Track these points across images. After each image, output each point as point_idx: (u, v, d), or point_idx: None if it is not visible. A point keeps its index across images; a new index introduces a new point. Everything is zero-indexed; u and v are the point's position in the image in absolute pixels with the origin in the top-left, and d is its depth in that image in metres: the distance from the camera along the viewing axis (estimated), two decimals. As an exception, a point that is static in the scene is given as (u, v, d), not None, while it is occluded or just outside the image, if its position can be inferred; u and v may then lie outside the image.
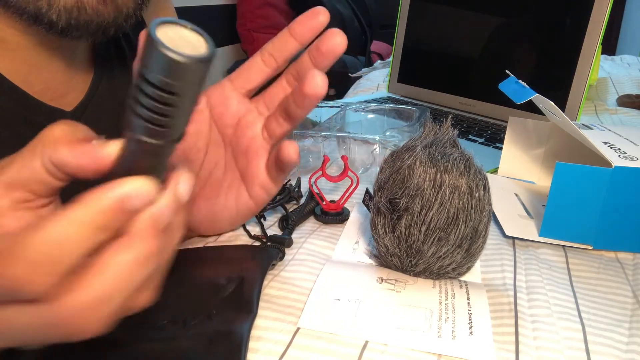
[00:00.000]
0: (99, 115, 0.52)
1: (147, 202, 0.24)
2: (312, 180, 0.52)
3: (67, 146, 0.25)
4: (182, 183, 0.26)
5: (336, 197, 0.54)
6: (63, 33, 0.41)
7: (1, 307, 0.24)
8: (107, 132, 0.52)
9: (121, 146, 0.25)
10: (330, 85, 0.42)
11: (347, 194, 0.52)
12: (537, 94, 0.51)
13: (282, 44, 0.40)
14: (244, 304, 0.37)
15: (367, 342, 0.35)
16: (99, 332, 0.25)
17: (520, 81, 0.57)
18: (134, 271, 0.24)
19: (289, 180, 0.57)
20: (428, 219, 0.38)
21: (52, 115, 0.47)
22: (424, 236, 0.39)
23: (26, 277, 0.22)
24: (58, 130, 0.26)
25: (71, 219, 0.23)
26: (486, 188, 0.40)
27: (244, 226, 0.51)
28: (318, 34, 0.40)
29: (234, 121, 0.43)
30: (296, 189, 0.56)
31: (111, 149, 0.25)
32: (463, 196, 0.38)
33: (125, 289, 0.24)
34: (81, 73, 0.49)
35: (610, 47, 2.92)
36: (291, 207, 0.55)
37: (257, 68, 0.41)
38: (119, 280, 0.24)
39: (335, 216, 0.52)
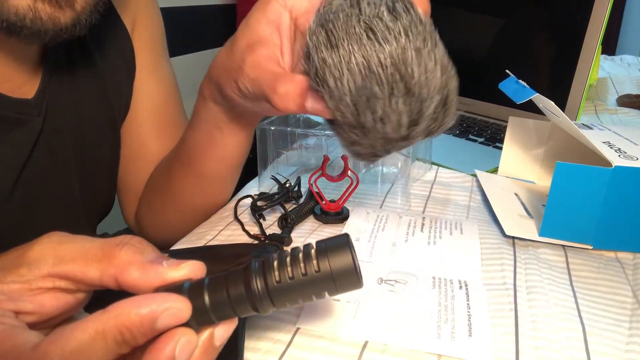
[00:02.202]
0: (60, 100, 0.50)
1: (179, 322, 0.24)
2: (312, 179, 0.52)
3: (138, 269, 0.25)
4: (220, 330, 0.26)
5: (336, 197, 0.53)
6: (12, 36, 0.39)
7: None
8: (70, 115, 0.51)
9: (195, 281, 0.26)
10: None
11: (347, 194, 0.52)
12: (537, 94, 0.51)
13: None
14: None
15: (367, 341, 0.35)
16: None
17: (520, 81, 0.57)
18: None
19: (288, 180, 0.57)
20: (345, 87, 0.32)
21: (18, 106, 0.46)
22: (354, 107, 0.33)
23: None
24: (127, 254, 0.26)
25: (95, 330, 0.23)
26: (396, 11, 0.33)
27: (242, 226, 0.51)
28: None
29: (309, 13, 0.38)
30: (295, 189, 0.56)
31: (179, 274, 0.25)
32: (361, 39, 0.32)
33: None
34: (35, 59, 0.47)
35: (610, 47, 2.91)
36: (290, 206, 0.55)
37: None
38: None
39: (335, 216, 0.52)
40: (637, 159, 0.47)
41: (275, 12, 0.37)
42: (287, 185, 0.56)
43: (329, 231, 0.50)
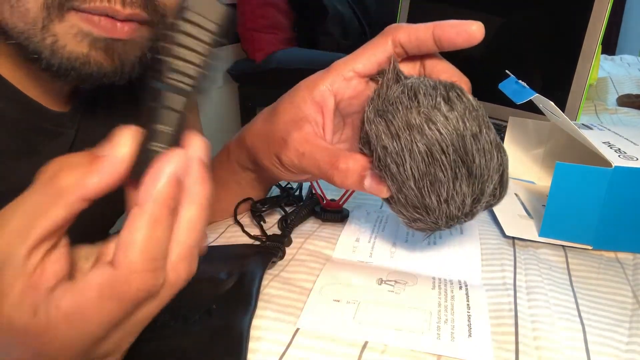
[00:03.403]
0: (94, 112, 0.52)
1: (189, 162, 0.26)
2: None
3: (93, 175, 0.25)
4: (195, 146, 0.27)
5: (337, 198, 0.53)
6: (57, 77, 0.41)
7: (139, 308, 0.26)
8: (103, 127, 0.52)
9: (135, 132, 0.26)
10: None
11: (348, 194, 0.52)
12: (537, 94, 0.51)
13: (422, 44, 0.39)
14: (243, 298, 0.37)
15: (367, 342, 0.35)
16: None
17: (520, 81, 0.57)
18: (203, 215, 0.27)
19: (289, 183, 0.57)
20: (409, 172, 0.35)
21: (57, 119, 0.48)
22: (418, 191, 0.35)
23: (148, 284, 0.25)
24: (69, 176, 0.25)
25: (148, 223, 0.24)
26: (451, 100, 0.35)
27: (242, 228, 0.51)
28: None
29: (351, 99, 0.41)
30: (296, 192, 0.56)
31: (125, 149, 0.26)
32: (422, 129, 0.34)
33: (202, 231, 0.27)
34: None
35: (610, 47, 2.91)
36: (290, 209, 0.55)
37: (384, 58, 0.40)
38: (197, 229, 0.27)
39: (335, 214, 0.52)
40: (637, 159, 0.47)
41: (322, 95, 0.40)
42: (288, 187, 0.56)
43: (329, 231, 0.50)
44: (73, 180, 0.25)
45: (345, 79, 0.40)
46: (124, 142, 0.26)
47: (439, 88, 0.36)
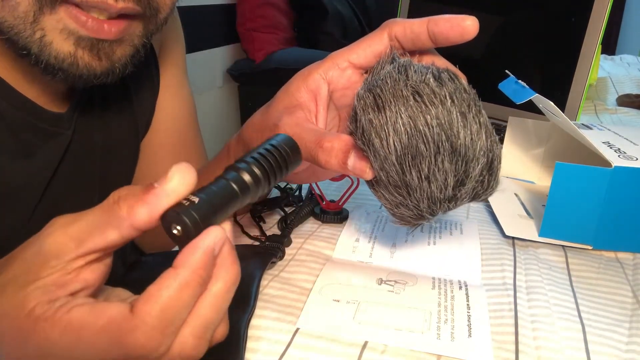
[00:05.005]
0: (90, 114, 0.52)
1: (225, 241, 0.27)
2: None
3: (142, 206, 0.26)
4: (227, 226, 0.28)
5: (337, 198, 0.53)
6: (47, 74, 0.40)
7: None
8: (99, 129, 0.52)
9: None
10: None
11: (347, 194, 0.52)
12: (537, 94, 0.51)
13: (416, 38, 0.39)
14: (241, 298, 0.36)
15: (366, 342, 0.35)
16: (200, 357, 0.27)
17: (520, 81, 0.57)
18: (227, 295, 0.27)
19: (288, 183, 0.57)
20: (391, 146, 0.34)
21: (54, 120, 0.47)
22: (399, 166, 0.34)
23: (152, 344, 0.25)
24: (125, 204, 0.26)
25: (178, 284, 0.25)
26: (441, 79, 0.35)
27: (242, 228, 0.51)
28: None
29: (345, 89, 0.42)
30: (296, 193, 0.56)
31: (174, 184, 0.26)
32: (408, 101, 0.34)
33: (221, 313, 0.27)
34: None
35: (610, 47, 2.92)
36: (290, 210, 0.55)
37: (379, 50, 0.40)
38: (217, 306, 0.27)
39: (335, 215, 0.52)
40: (637, 159, 0.47)
41: (315, 82, 0.40)
42: (288, 189, 0.56)
43: (329, 231, 0.50)
44: (127, 210, 0.26)
45: (339, 69, 0.40)
46: (172, 177, 0.26)
47: (431, 68, 0.36)
